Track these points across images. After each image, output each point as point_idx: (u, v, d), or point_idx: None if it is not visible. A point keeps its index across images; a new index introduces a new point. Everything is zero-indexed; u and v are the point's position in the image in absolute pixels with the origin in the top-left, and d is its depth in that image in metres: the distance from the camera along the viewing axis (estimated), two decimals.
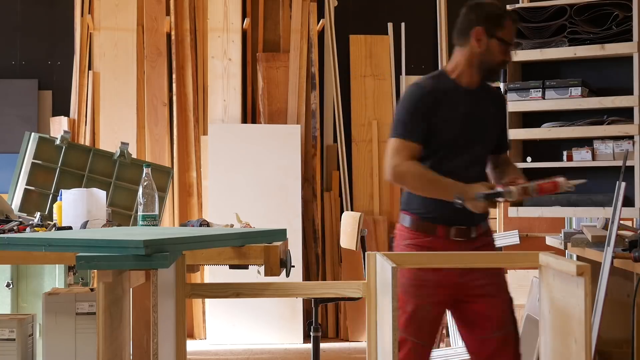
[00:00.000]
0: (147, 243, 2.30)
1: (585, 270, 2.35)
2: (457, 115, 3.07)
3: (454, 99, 3.09)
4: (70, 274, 4.41)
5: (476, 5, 3.10)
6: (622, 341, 3.62)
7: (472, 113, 3.10)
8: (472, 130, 3.10)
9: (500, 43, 3.06)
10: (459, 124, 3.08)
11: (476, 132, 3.11)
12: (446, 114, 3.06)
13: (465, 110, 3.09)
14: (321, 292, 2.81)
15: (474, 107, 3.11)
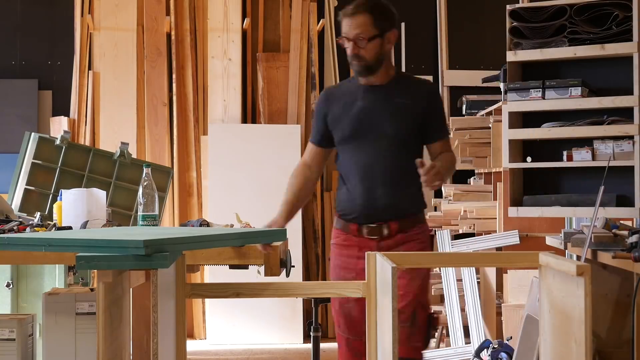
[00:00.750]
0: (147, 243, 2.30)
1: (585, 270, 2.35)
2: (351, 112, 3.19)
3: (351, 97, 3.23)
4: (70, 274, 4.41)
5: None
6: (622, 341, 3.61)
7: (369, 108, 3.19)
8: (369, 124, 3.18)
9: (342, 40, 3.18)
10: (352, 119, 3.19)
11: (375, 126, 3.17)
12: (339, 113, 3.22)
13: (361, 106, 3.19)
14: (321, 292, 2.81)
15: (372, 102, 3.19)
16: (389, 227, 3.18)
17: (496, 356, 4.52)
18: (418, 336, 3.20)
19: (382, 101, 3.20)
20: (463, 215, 5.65)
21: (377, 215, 3.19)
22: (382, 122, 3.17)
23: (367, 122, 3.19)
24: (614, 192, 3.96)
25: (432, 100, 3.26)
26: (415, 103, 3.20)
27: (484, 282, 5.47)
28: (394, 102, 3.19)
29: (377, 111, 3.19)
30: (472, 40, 7.04)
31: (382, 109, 3.19)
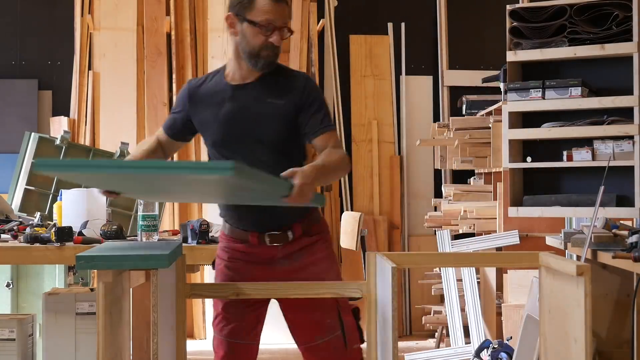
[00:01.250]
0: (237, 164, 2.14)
1: (585, 270, 2.35)
2: (218, 115, 2.88)
3: (216, 98, 2.90)
4: (70, 274, 4.42)
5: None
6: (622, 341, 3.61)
7: (239, 111, 2.86)
8: (240, 129, 2.86)
9: (253, 26, 2.82)
10: (221, 124, 2.88)
11: (247, 131, 2.84)
12: (207, 116, 2.93)
13: (230, 108, 2.87)
14: (321, 292, 2.80)
15: (242, 104, 2.86)
16: (294, 231, 2.88)
17: (496, 356, 4.52)
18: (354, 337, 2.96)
19: (253, 102, 2.86)
20: (463, 215, 5.65)
21: (280, 221, 2.87)
22: (254, 126, 2.84)
23: (237, 127, 2.86)
24: (614, 192, 3.96)
25: (306, 94, 2.86)
26: (288, 101, 2.85)
27: (484, 282, 5.47)
28: (266, 103, 2.85)
29: (248, 114, 2.85)
30: (472, 40, 7.04)
31: (254, 111, 2.85)
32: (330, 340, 2.93)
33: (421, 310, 6.27)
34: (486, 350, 4.64)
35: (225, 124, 2.88)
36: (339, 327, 2.93)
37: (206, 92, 2.95)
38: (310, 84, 2.91)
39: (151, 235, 3.21)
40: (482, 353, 4.66)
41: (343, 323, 2.93)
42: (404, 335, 6.54)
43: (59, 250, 3.19)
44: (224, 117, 2.88)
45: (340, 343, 2.93)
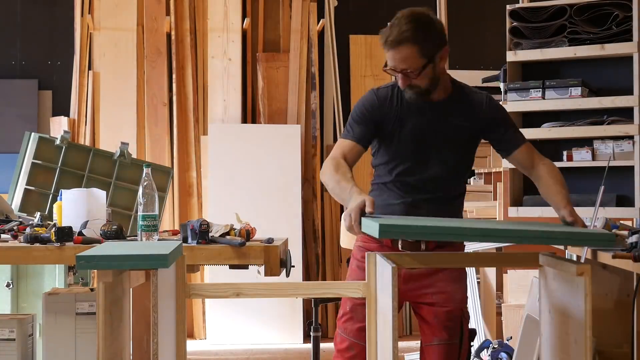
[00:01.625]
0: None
1: (585, 270, 2.35)
2: (404, 130, 2.95)
3: (404, 111, 2.95)
4: (70, 274, 4.42)
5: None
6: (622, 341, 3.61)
7: (425, 129, 2.94)
8: (423, 146, 2.95)
9: (389, 71, 2.93)
10: (405, 138, 2.95)
11: (428, 148, 2.95)
12: (391, 127, 2.95)
13: (417, 123, 2.94)
14: (321, 292, 2.81)
15: (430, 119, 2.95)
16: (427, 243, 2.91)
17: (496, 356, 4.52)
18: (465, 353, 3.02)
19: (438, 121, 2.95)
20: (463, 216, 5.65)
21: None
22: (436, 144, 2.95)
23: (420, 144, 2.95)
24: (614, 192, 3.96)
25: (491, 113, 3.00)
26: (473, 123, 2.98)
27: (484, 282, 5.47)
28: (451, 124, 2.96)
29: (433, 133, 2.94)
30: (472, 40, 7.04)
31: (438, 130, 2.95)
32: (447, 345, 2.98)
33: None
34: (486, 350, 4.64)
35: (408, 139, 2.96)
36: (458, 336, 3.00)
37: (394, 103, 2.98)
38: (492, 101, 3.05)
39: (151, 235, 3.20)
40: (482, 353, 4.66)
41: (463, 334, 3.01)
42: (404, 335, 6.53)
43: (59, 250, 3.19)
44: (409, 132, 2.95)
45: (454, 351, 2.99)
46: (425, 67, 2.84)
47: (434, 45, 2.85)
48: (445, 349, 2.98)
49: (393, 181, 3.00)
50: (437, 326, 2.99)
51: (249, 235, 3.29)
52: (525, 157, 3.03)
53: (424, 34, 2.83)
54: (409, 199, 2.99)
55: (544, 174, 3.00)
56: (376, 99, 2.98)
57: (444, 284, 3.00)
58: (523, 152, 3.03)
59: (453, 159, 3.00)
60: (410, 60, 2.83)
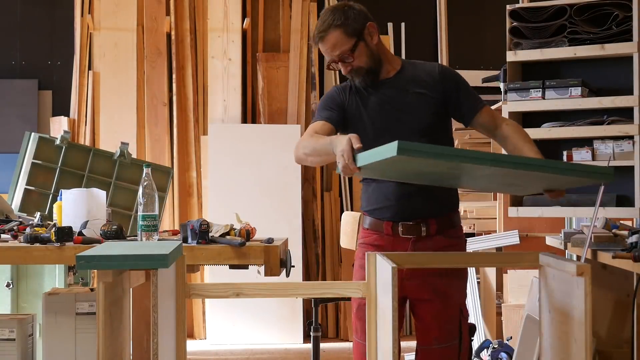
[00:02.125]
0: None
1: (585, 270, 2.35)
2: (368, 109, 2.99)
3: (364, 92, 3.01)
4: (70, 274, 4.42)
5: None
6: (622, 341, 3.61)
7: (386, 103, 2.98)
8: (388, 120, 2.97)
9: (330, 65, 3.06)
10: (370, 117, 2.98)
11: (396, 121, 2.96)
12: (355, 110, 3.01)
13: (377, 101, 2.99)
14: (321, 292, 2.80)
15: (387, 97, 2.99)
16: (428, 226, 2.97)
17: (496, 356, 4.52)
18: (465, 352, 3.02)
19: (397, 95, 2.99)
20: (463, 215, 5.65)
21: (414, 211, 2.96)
22: (401, 116, 2.97)
23: (386, 119, 2.98)
24: (614, 192, 3.96)
25: (448, 79, 3.03)
26: (430, 90, 2.99)
27: (484, 282, 5.47)
28: (410, 93, 2.99)
29: (398, 106, 2.98)
30: (472, 40, 7.04)
31: (401, 102, 2.98)
32: (446, 348, 2.98)
33: None
34: (486, 350, 4.64)
35: (374, 117, 2.99)
36: (457, 337, 2.99)
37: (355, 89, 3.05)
38: (447, 69, 3.09)
39: (151, 235, 3.20)
40: (482, 353, 4.66)
41: (462, 334, 3.00)
42: (404, 335, 6.54)
43: (59, 250, 3.19)
44: (372, 110, 3.00)
45: (454, 353, 2.98)
46: (357, 45, 2.95)
47: (356, 23, 2.96)
48: (444, 352, 2.98)
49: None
50: (435, 326, 2.99)
51: (249, 235, 3.29)
52: (487, 119, 3.05)
53: (343, 16, 2.95)
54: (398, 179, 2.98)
55: (511, 133, 3.03)
56: (337, 90, 3.07)
57: (444, 282, 2.99)
58: (484, 115, 3.05)
59: (427, 127, 2.98)
60: (339, 44, 2.95)
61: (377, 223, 3.02)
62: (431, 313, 2.99)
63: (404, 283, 2.95)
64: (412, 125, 2.96)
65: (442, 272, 2.98)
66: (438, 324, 2.98)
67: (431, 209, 2.98)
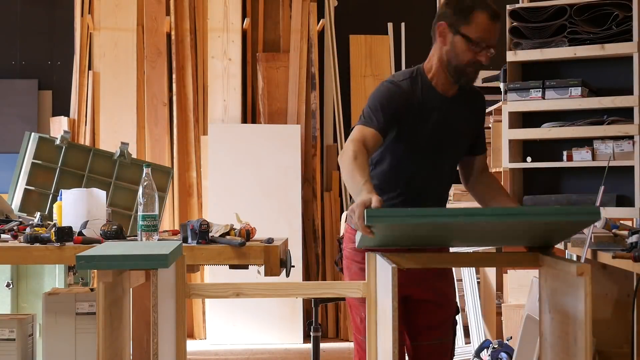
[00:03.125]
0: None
1: (585, 270, 2.35)
2: (428, 124, 2.88)
3: (427, 105, 2.88)
4: (70, 274, 4.42)
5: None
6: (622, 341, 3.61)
7: (444, 123, 2.89)
8: (440, 141, 2.91)
9: (466, 40, 2.79)
10: (428, 133, 2.88)
11: (445, 143, 2.92)
12: (416, 121, 2.87)
13: (438, 119, 2.88)
14: (321, 292, 2.80)
15: (447, 116, 2.90)
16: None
17: (496, 356, 4.52)
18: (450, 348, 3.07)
19: (454, 116, 2.91)
20: None
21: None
22: (451, 138, 2.93)
23: (440, 137, 2.90)
24: (614, 192, 3.96)
25: (483, 114, 3.06)
26: (474, 118, 2.99)
27: (484, 282, 5.47)
28: (462, 117, 2.93)
29: (451, 127, 2.91)
30: None
31: (455, 124, 2.91)
32: (440, 344, 3.00)
33: None
34: (486, 350, 4.64)
35: (432, 133, 2.89)
36: (451, 334, 3.04)
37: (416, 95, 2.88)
38: (485, 106, 3.06)
39: (151, 235, 3.21)
40: (482, 353, 4.66)
41: (455, 331, 3.05)
42: None
43: (59, 250, 3.19)
44: (432, 126, 2.88)
45: (447, 349, 3.02)
46: (494, 49, 2.86)
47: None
48: (441, 347, 3.01)
49: (400, 173, 2.94)
50: (435, 325, 3.00)
51: (249, 235, 3.29)
52: (480, 163, 3.07)
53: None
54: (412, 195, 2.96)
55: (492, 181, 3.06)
56: (400, 90, 2.85)
57: (444, 283, 3.03)
58: (482, 158, 3.08)
59: (458, 152, 3.01)
60: (497, 38, 2.85)
61: None
62: (434, 313, 3.01)
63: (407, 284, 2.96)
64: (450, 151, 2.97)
65: (441, 272, 3.00)
66: (439, 323, 3.01)
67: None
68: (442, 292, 3.03)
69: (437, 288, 3.01)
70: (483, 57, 2.81)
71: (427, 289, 3.00)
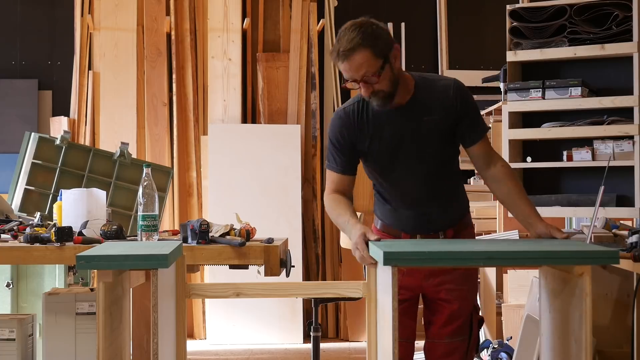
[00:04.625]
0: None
1: (585, 270, 2.35)
2: (382, 142, 2.91)
3: (377, 122, 2.91)
4: (70, 274, 4.42)
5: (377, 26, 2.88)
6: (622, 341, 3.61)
7: (399, 133, 2.90)
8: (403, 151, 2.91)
9: (349, 84, 2.87)
10: (386, 150, 2.91)
11: (409, 152, 2.91)
12: (371, 142, 2.92)
13: (392, 132, 2.90)
14: (321, 292, 2.81)
15: (401, 126, 2.90)
16: (445, 235, 2.99)
17: (496, 356, 4.52)
18: (473, 348, 3.05)
19: (410, 124, 2.90)
20: None
21: (432, 226, 2.98)
22: (415, 147, 2.91)
23: (400, 150, 2.91)
24: (614, 192, 3.96)
25: (461, 103, 2.92)
26: (444, 115, 2.91)
27: (484, 282, 5.47)
28: (423, 122, 2.90)
29: (409, 136, 2.91)
30: (472, 40, 7.04)
31: (414, 132, 2.90)
32: (455, 343, 3.00)
33: (421, 311, 6.26)
34: (486, 350, 4.64)
35: (389, 149, 2.92)
36: (467, 332, 3.02)
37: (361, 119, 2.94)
38: (461, 89, 2.95)
39: (151, 235, 3.20)
40: (482, 353, 4.66)
41: (472, 329, 3.03)
42: None
43: (59, 250, 3.19)
44: (386, 142, 2.91)
45: (463, 348, 3.01)
46: (384, 67, 2.79)
47: (385, 44, 2.81)
48: (454, 345, 3.01)
49: (388, 191, 3.01)
50: (449, 323, 3.01)
51: (249, 235, 3.29)
52: (482, 152, 2.98)
53: (373, 36, 2.80)
54: (410, 203, 2.98)
55: (504, 179, 2.96)
56: (348, 119, 2.93)
57: (459, 281, 3.00)
58: (481, 146, 2.97)
59: (437, 153, 2.95)
60: (366, 64, 2.77)
61: (393, 231, 3.02)
62: (448, 313, 3.01)
63: (422, 283, 2.99)
64: (425, 158, 2.93)
65: (457, 272, 2.99)
66: (452, 322, 3.01)
67: (448, 222, 3.01)
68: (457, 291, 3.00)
69: (450, 287, 2.99)
70: (362, 92, 2.84)
71: (439, 287, 2.99)
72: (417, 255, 2.45)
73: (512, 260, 2.47)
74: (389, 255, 2.39)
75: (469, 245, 2.63)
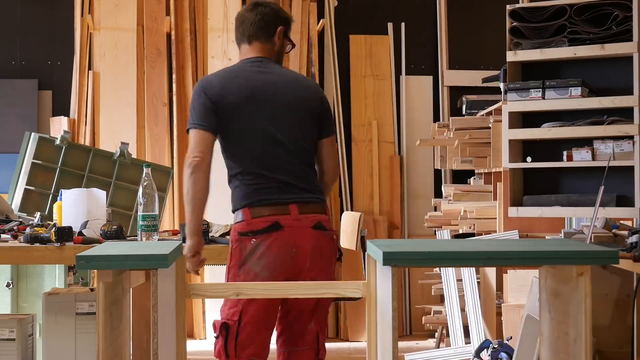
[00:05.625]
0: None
1: (585, 270, 2.35)
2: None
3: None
4: (70, 274, 4.42)
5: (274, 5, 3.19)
6: (622, 341, 3.61)
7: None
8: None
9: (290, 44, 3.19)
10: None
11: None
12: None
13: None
14: (321, 292, 2.80)
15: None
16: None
17: (496, 356, 4.52)
18: (323, 346, 3.10)
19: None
20: (463, 215, 5.65)
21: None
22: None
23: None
24: (614, 192, 3.96)
25: (321, 97, 3.19)
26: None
27: (484, 282, 5.47)
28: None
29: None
30: (472, 40, 7.04)
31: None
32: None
33: (421, 310, 6.27)
34: (486, 350, 4.64)
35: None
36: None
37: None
38: (321, 91, 3.27)
39: (151, 235, 3.21)
40: (482, 353, 4.66)
41: (320, 332, 3.07)
42: (404, 335, 6.54)
43: (59, 250, 3.19)
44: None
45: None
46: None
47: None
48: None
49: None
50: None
51: None
52: (323, 148, 3.15)
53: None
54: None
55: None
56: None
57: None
58: (326, 143, 3.15)
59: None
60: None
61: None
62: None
63: None
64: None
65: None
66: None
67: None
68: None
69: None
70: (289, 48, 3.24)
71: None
72: (417, 255, 2.45)
73: (512, 260, 2.48)
74: (389, 255, 2.39)
75: (469, 245, 2.63)
